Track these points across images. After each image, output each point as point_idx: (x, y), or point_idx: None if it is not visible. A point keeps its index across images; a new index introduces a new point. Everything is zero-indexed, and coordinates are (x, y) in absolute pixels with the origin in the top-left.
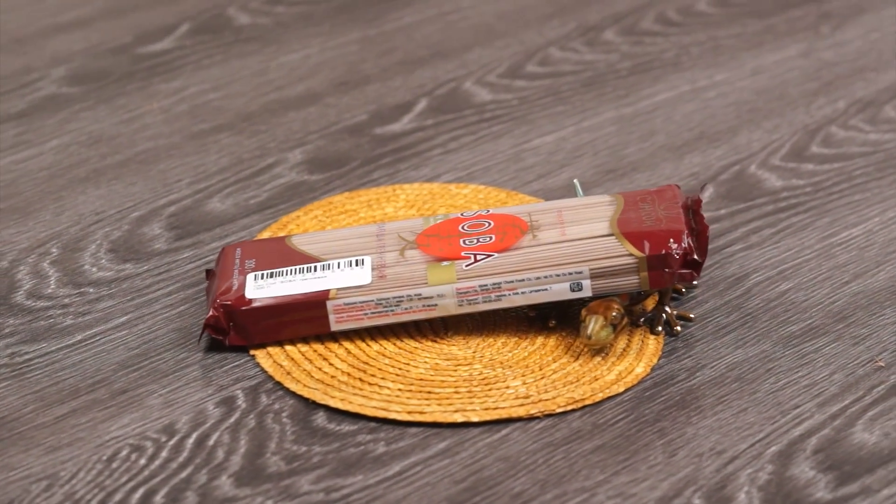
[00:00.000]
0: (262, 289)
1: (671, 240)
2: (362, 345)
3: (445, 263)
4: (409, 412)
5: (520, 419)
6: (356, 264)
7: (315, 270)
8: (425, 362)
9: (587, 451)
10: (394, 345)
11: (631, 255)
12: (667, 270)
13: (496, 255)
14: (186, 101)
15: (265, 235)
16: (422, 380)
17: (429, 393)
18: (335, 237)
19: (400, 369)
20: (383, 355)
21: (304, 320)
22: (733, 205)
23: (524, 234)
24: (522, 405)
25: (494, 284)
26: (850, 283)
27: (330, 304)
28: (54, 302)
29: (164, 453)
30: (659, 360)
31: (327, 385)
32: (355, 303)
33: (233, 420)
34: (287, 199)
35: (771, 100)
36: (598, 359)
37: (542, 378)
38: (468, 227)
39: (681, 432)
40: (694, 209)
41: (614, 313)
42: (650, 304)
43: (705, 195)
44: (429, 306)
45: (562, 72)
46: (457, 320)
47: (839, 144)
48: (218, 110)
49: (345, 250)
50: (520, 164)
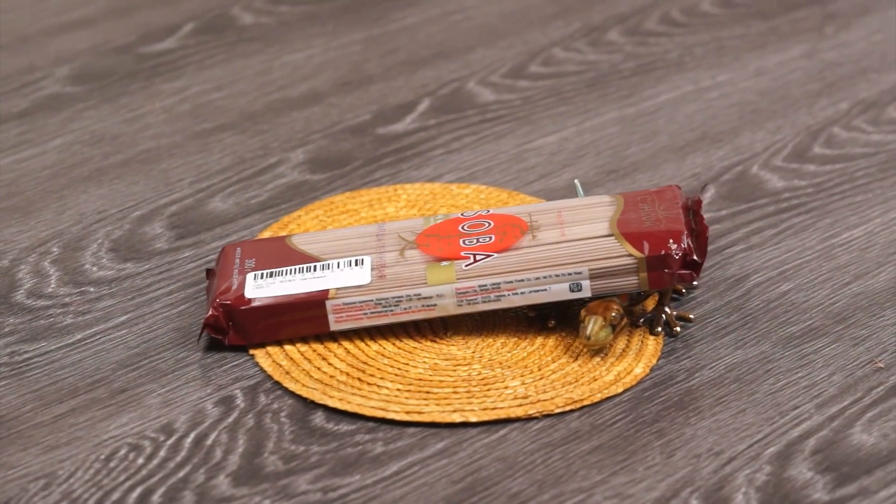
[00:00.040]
0: (261, 288)
1: (671, 240)
2: (361, 345)
3: (445, 263)
4: (407, 412)
5: (518, 419)
6: (356, 264)
7: (314, 270)
8: (424, 362)
9: (585, 452)
10: (393, 345)
11: (630, 255)
12: (666, 271)
13: (496, 255)
14: (189, 100)
15: (266, 235)
16: (420, 380)
17: (427, 393)
18: (335, 237)
19: (399, 369)
20: (382, 355)
21: (304, 320)
22: (734, 205)
23: (524, 234)
24: (521, 405)
25: (494, 285)
26: (851, 284)
27: (329, 304)
28: (54, 301)
29: (162, 452)
30: (658, 360)
31: (326, 385)
32: (354, 303)
33: (231, 419)
34: (289, 198)
35: (774, 100)
36: (597, 359)
37: (541, 378)
38: (468, 227)
39: (679, 433)
40: (694, 210)
41: (613, 314)
42: (650, 304)
43: (706, 196)
44: (428, 306)
45: (565, 72)
46: (456, 320)
47: (841, 145)
48: (221, 110)
49: (344, 250)
50: (522, 164)
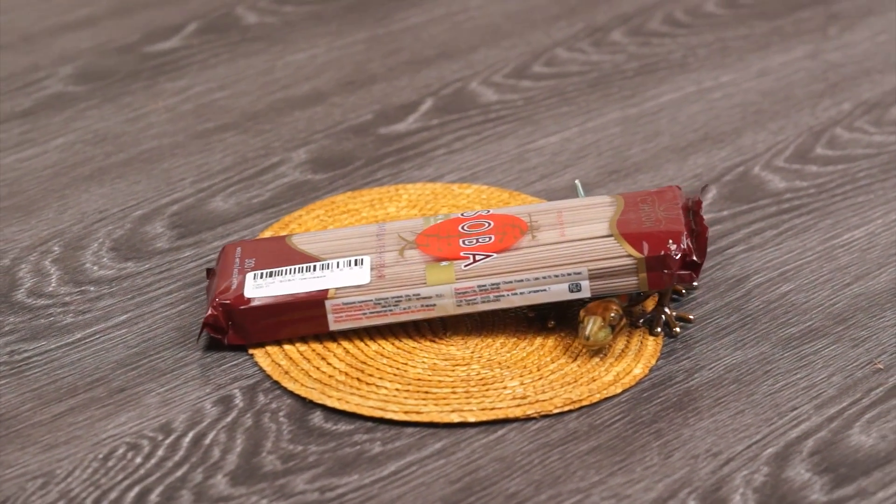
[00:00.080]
0: (260, 288)
1: (670, 241)
2: (361, 344)
3: (444, 263)
4: (405, 412)
5: (517, 420)
6: (355, 264)
7: (314, 270)
8: (423, 362)
9: (583, 452)
10: (392, 345)
11: (630, 256)
12: (666, 271)
13: (495, 255)
14: (192, 100)
15: (267, 235)
16: (419, 380)
17: (426, 393)
18: (335, 237)
19: (398, 369)
20: (381, 355)
21: (303, 320)
22: (736, 206)
23: (524, 234)
24: (519, 406)
25: (493, 285)
26: (852, 285)
27: (328, 304)
28: (55, 300)
29: (160, 452)
30: (657, 361)
31: (325, 384)
32: (354, 302)
33: (230, 419)
34: (290, 198)
35: (776, 101)
36: (596, 360)
37: (540, 379)
38: (468, 227)
39: (677, 434)
40: (694, 210)
41: (613, 314)
42: (649, 305)
43: (706, 196)
44: (427, 306)
45: (568, 72)
46: (456, 320)
47: (844, 146)
48: (223, 109)
49: (344, 250)
50: (523, 164)
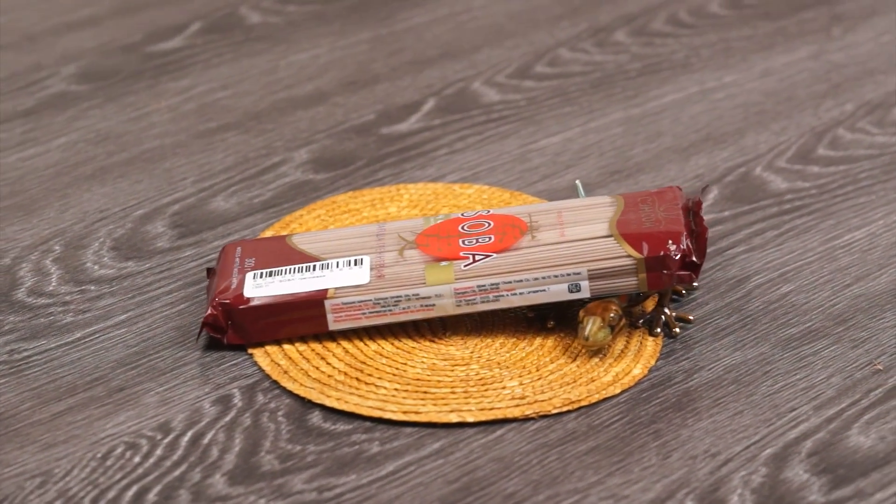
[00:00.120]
0: (260, 287)
1: (670, 241)
2: (360, 344)
3: (444, 263)
4: (404, 412)
5: (515, 420)
6: (355, 264)
7: (314, 270)
8: (422, 362)
9: (581, 453)
10: (392, 344)
11: (629, 256)
12: (665, 272)
13: (495, 255)
14: (194, 99)
15: (268, 234)
16: (418, 380)
17: (425, 393)
18: (335, 236)
19: (397, 369)
20: (381, 355)
21: (302, 319)
22: (737, 207)
23: (523, 234)
24: (518, 406)
25: (492, 285)
26: (852, 286)
27: (328, 304)
28: (55, 299)
29: (158, 451)
30: (657, 361)
31: (324, 384)
32: (353, 302)
33: (228, 419)
34: (291, 198)
35: (779, 102)
36: (595, 360)
37: (539, 379)
38: (468, 227)
39: (676, 434)
40: (694, 211)
41: (612, 314)
42: (649, 305)
43: (706, 197)
44: (427, 306)
45: (571, 72)
46: (455, 320)
47: (846, 147)
48: (226, 109)
49: (344, 250)
50: (525, 164)
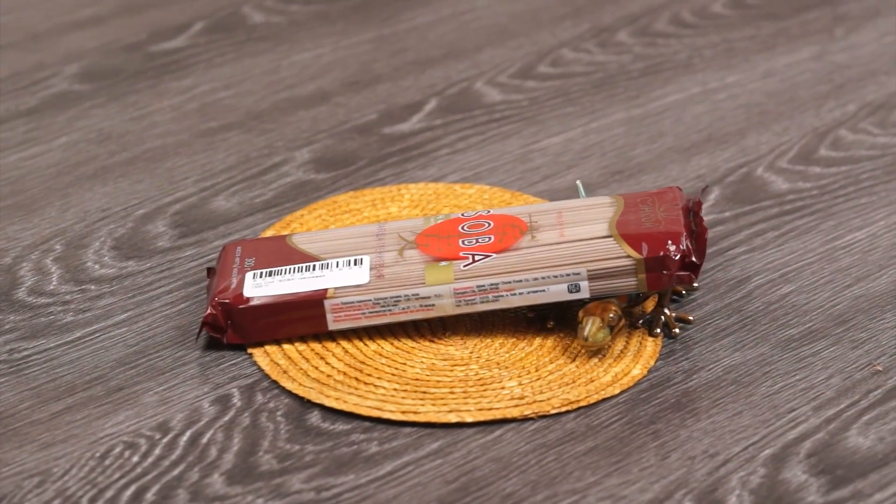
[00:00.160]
0: (260, 287)
1: (669, 242)
2: (360, 344)
3: (443, 264)
4: (403, 412)
5: (514, 420)
6: (354, 264)
7: (313, 269)
8: (422, 362)
9: (580, 453)
10: (391, 344)
11: (629, 256)
12: (665, 272)
13: (494, 255)
14: (197, 99)
15: (269, 234)
16: (417, 380)
17: (424, 393)
18: (335, 236)
19: (396, 369)
20: (380, 355)
21: (302, 319)
22: (738, 207)
23: (523, 234)
24: (517, 406)
25: (492, 285)
26: (852, 287)
27: (327, 304)
28: (55, 299)
29: (157, 451)
30: (656, 362)
31: (323, 384)
32: (353, 302)
33: (227, 418)
34: (292, 197)
35: (781, 102)
36: (594, 360)
37: (538, 379)
38: (468, 227)
39: (674, 435)
40: (694, 211)
41: (611, 315)
42: (649, 305)
43: (707, 197)
44: (426, 306)
45: (573, 73)
46: (455, 320)
47: (847, 147)
48: (228, 109)
49: (344, 249)
50: (527, 164)
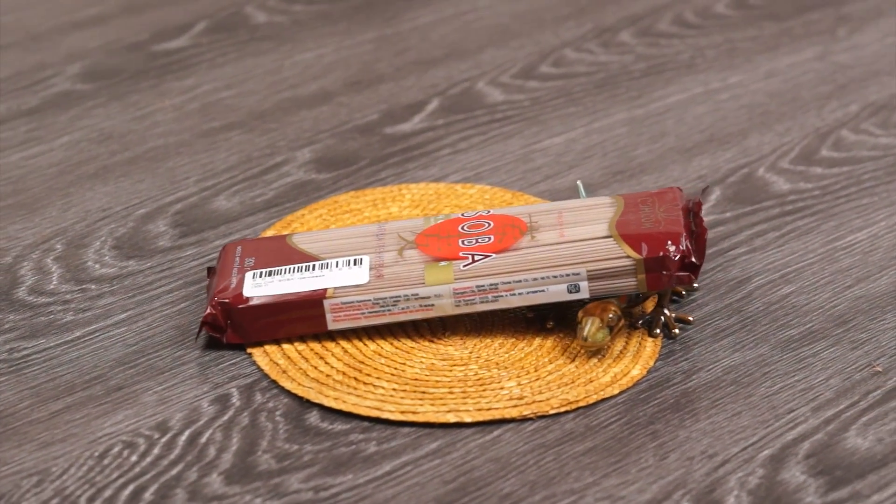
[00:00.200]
0: (259, 287)
1: (669, 242)
2: (359, 344)
3: (443, 264)
4: (402, 412)
5: (513, 420)
6: (354, 263)
7: (313, 269)
8: (421, 362)
9: (578, 453)
10: (391, 344)
11: (628, 257)
12: (664, 273)
13: (494, 255)
14: (199, 98)
15: (269, 234)
16: (416, 380)
17: (423, 393)
18: (335, 236)
19: (395, 369)
20: (380, 355)
21: (301, 319)
22: (739, 208)
23: (523, 234)
24: (516, 406)
25: (491, 285)
26: (853, 288)
27: (327, 303)
28: (56, 298)
29: (155, 450)
30: (656, 362)
31: (322, 384)
32: (352, 302)
33: (226, 418)
34: (293, 197)
35: (783, 103)
36: (594, 361)
37: (538, 379)
38: (468, 227)
39: (673, 435)
40: (694, 211)
41: (611, 315)
42: (649, 306)
43: (707, 197)
44: (426, 306)
45: (575, 73)
46: (455, 320)
47: (849, 148)
48: (230, 108)
49: (344, 249)
50: (528, 164)
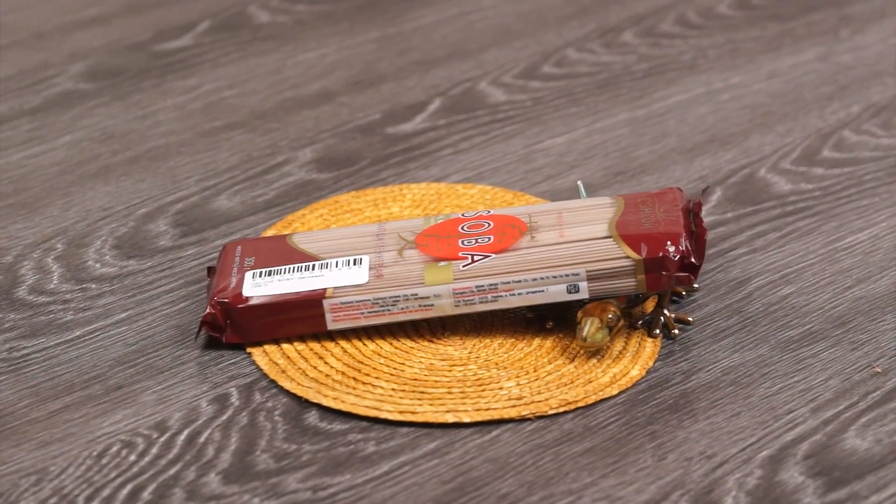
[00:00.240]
0: (259, 287)
1: (668, 242)
2: (359, 344)
3: (443, 264)
4: (400, 412)
5: (512, 420)
6: (354, 263)
7: (313, 269)
8: (420, 362)
9: (577, 454)
10: (390, 344)
11: (628, 257)
12: (664, 273)
13: (494, 255)
14: (201, 98)
15: (270, 234)
16: (416, 380)
17: (422, 393)
18: (335, 236)
19: (394, 369)
20: (379, 355)
21: (301, 319)
22: (740, 208)
23: (523, 235)
24: (515, 406)
25: (491, 285)
26: (853, 288)
27: (326, 303)
28: (56, 297)
29: (154, 450)
30: (655, 363)
31: (321, 384)
32: (352, 302)
33: (225, 417)
34: (294, 197)
35: (785, 103)
36: (593, 361)
37: (537, 380)
38: (468, 227)
39: (672, 436)
40: (695, 212)
41: (610, 315)
42: (649, 306)
43: (707, 198)
44: (425, 306)
45: (577, 73)
46: (455, 320)
47: (851, 149)
48: (232, 108)
49: (344, 249)
50: (529, 164)
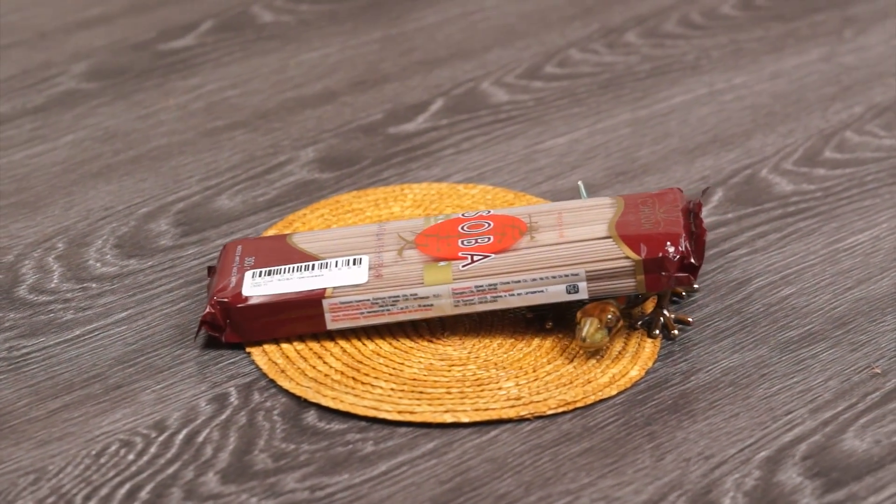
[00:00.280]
0: (258, 286)
1: (668, 243)
2: (358, 344)
3: (442, 264)
4: (399, 412)
5: (510, 420)
6: (353, 263)
7: (312, 269)
8: (420, 362)
9: (575, 454)
10: (389, 344)
11: (627, 257)
12: (663, 274)
13: (493, 255)
14: (203, 97)
15: (271, 233)
16: (415, 380)
17: (421, 393)
18: (335, 236)
19: (394, 369)
20: (378, 354)
21: (300, 318)
22: (741, 209)
23: (522, 235)
24: (513, 407)
25: (490, 285)
26: (853, 289)
27: (326, 303)
28: (56, 296)
29: (152, 449)
30: (654, 363)
31: (320, 384)
32: (351, 302)
33: (224, 417)
34: (296, 197)
35: (788, 104)
36: (592, 361)
37: (536, 380)
38: (468, 227)
39: (670, 436)
40: (695, 213)
41: (609, 316)
42: (649, 306)
43: (707, 199)
44: (425, 306)
45: (580, 73)
46: (454, 320)
47: (853, 149)
48: (234, 107)
49: (344, 249)
50: (531, 165)
